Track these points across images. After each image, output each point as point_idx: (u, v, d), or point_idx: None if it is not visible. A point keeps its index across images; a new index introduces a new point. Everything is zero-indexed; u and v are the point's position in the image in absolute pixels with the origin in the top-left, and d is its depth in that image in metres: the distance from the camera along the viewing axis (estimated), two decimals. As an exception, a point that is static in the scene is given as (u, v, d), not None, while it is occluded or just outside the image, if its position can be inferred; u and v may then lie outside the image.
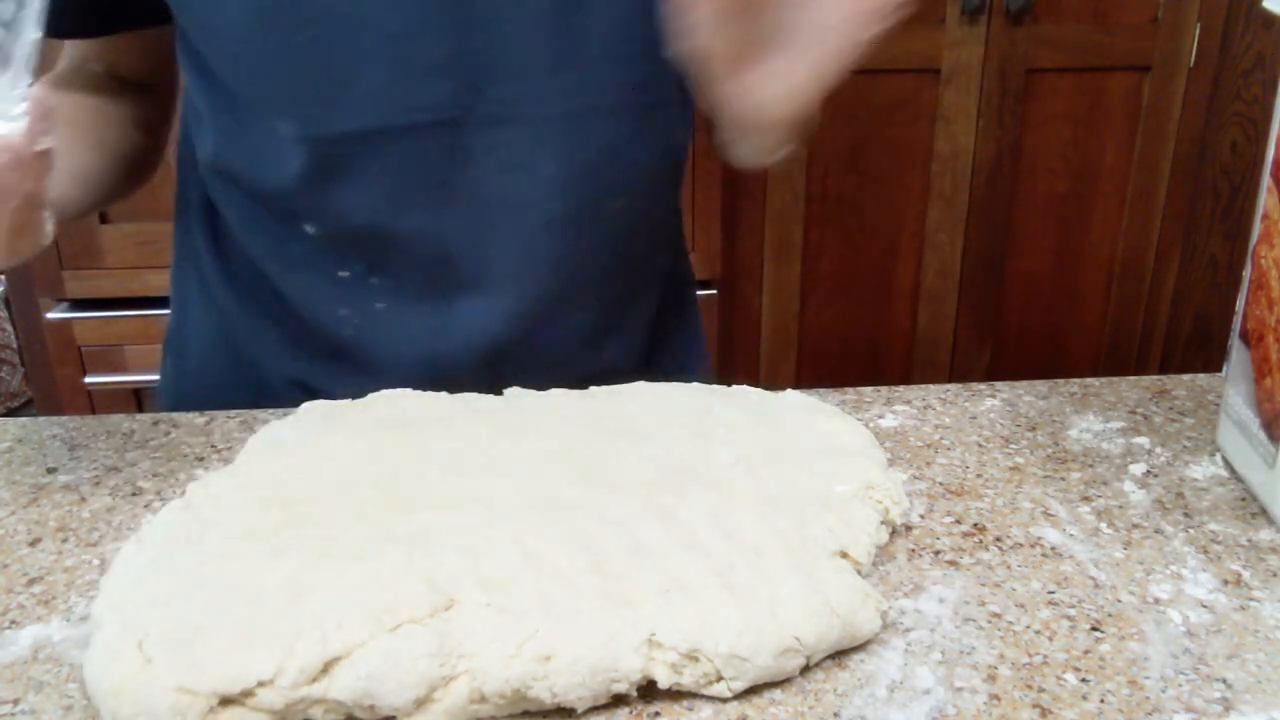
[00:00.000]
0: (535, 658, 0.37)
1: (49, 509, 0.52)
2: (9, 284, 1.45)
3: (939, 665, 0.40)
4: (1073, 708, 0.38)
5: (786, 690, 0.39)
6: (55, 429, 0.61)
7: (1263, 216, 0.52)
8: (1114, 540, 0.49)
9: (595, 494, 0.47)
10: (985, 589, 0.45)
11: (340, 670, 0.37)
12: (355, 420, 0.55)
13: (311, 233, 0.63)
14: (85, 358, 1.44)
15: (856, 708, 0.38)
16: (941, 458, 0.57)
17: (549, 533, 0.44)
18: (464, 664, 0.37)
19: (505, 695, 0.37)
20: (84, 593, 0.45)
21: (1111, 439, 0.59)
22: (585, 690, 0.37)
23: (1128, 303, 1.79)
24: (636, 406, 0.56)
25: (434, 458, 0.50)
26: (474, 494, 0.47)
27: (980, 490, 0.54)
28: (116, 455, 0.57)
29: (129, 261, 1.40)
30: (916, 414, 0.62)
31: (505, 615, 0.39)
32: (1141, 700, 0.39)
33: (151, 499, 0.53)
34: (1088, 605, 0.44)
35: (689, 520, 0.45)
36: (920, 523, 0.50)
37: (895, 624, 0.43)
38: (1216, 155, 1.71)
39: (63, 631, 0.43)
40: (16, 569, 0.47)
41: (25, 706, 0.38)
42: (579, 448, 0.51)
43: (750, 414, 0.55)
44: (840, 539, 0.45)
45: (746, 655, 0.38)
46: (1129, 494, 0.53)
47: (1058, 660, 0.41)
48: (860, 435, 0.54)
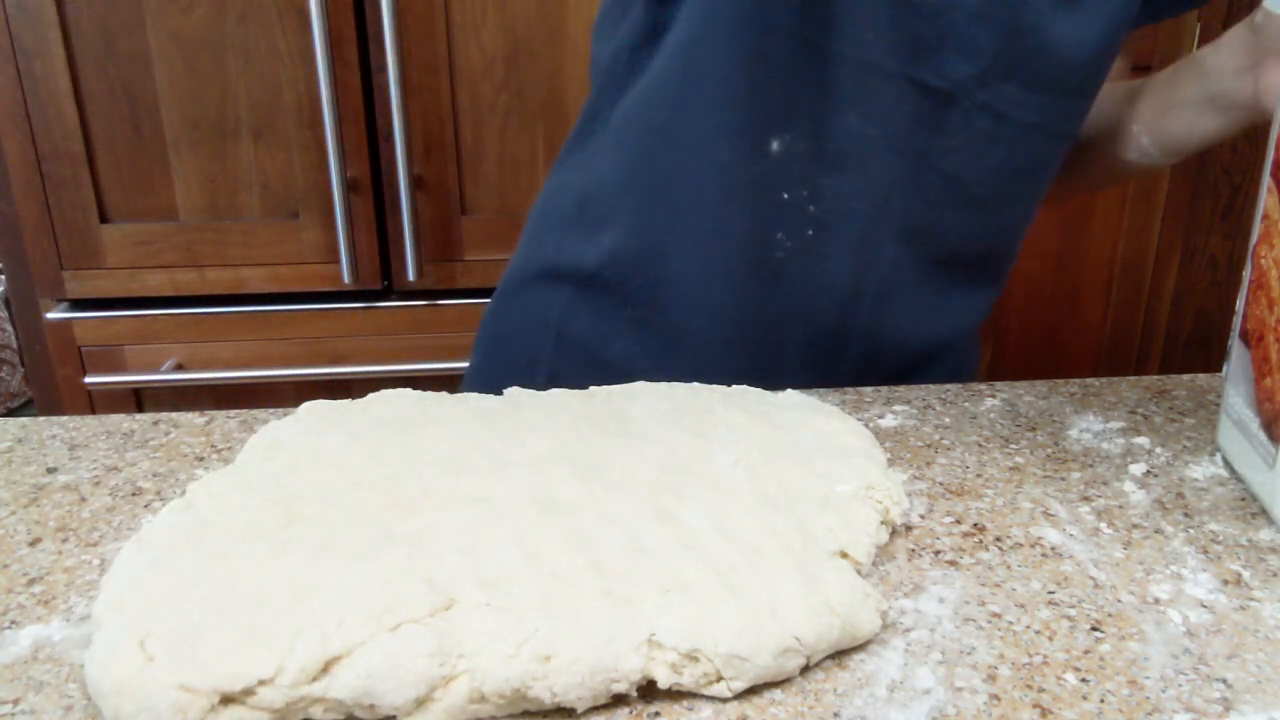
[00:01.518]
0: (535, 657, 0.37)
1: (49, 509, 0.52)
2: (9, 284, 1.45)
3: (939, 665, 0.40)
4: (1073, 708, 0.38)
5: (786, 690, 0.39)
6: (55, 429, 0.61)
7: (1263, 216, 0.52)
8: (1114, 540, 0.49)
9: (595, 494, 0.47)
10: (985, 589, 0.45)
11: (340, 669, 0.37)
12: (355, 420, 0.55)
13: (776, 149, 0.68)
14: (85, 358, 1.45)
15: (856, 708, 0.38)
16: (941, 458, 0.57)
17: (549, 533, 0.44)
18: (464, 664, 0.37)
19: (505, 695, 0.37)
20: (84, 593, 0.45)
21: (1111, 439, 0.59)
22: (585, 690, 0.37)
23: (1128, 303, 1.79)
24: (636, 406, 0.56)
25: (434, 457, 0.50)
26: (474, 494, 0.47)
27: (980, 490, 0.54)
28: (116, 455, 0.57)
29: (129, 261, 1.40)
30: (916, 414, 0.62)
31: (505, 615, 0.39)
32: (1141, 700, 0.39)
33: (151, 499, 0.53)
34: (1088, 605, 0.44)
35: (689, 520, 0.45)
36: (920, 523, 0.50)
37: (895, 624, 0.43)
38: (1216, 155, 1.71)
39: (63, 631, 0.43)
40: (16, 569, 0.47)
41: (25, 706, 0.38)
42: (579, 448, 0.51)
43: (750, 414, 0.55)
44: (840, 539, 0.45)
45: (746, 655, 0.38)
46: (1129, 494, 0.53)
47: (1058, 660, 0.41)
48: (860, 435, 0.55)
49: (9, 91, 1.32)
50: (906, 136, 0.67)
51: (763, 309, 0.72)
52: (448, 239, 1.47)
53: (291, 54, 1.35)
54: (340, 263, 1.42)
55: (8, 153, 1.35)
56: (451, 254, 1.47)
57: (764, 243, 0.70)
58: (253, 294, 1.45)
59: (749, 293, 0.72)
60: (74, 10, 1.31)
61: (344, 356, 1.49)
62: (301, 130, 1.38)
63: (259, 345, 1.46)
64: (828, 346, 0.73)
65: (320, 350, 1.48)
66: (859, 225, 0.69)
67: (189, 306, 1.43)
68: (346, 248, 1.41)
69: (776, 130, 0.67)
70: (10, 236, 1.40)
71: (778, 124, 0.67)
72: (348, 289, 1.46)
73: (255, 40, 1.34)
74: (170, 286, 1.42)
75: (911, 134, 0.67)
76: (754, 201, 0.69)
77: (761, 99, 0.66)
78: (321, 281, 1.45)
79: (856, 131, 0.66)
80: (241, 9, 1.33)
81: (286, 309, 1.46)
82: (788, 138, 0.67)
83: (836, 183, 0.68)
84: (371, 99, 1.39)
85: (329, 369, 1.47)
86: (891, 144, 0.67)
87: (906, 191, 0.69)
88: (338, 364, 1.48)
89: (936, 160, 0.68)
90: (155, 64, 1.34)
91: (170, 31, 1.33)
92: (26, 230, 1.39)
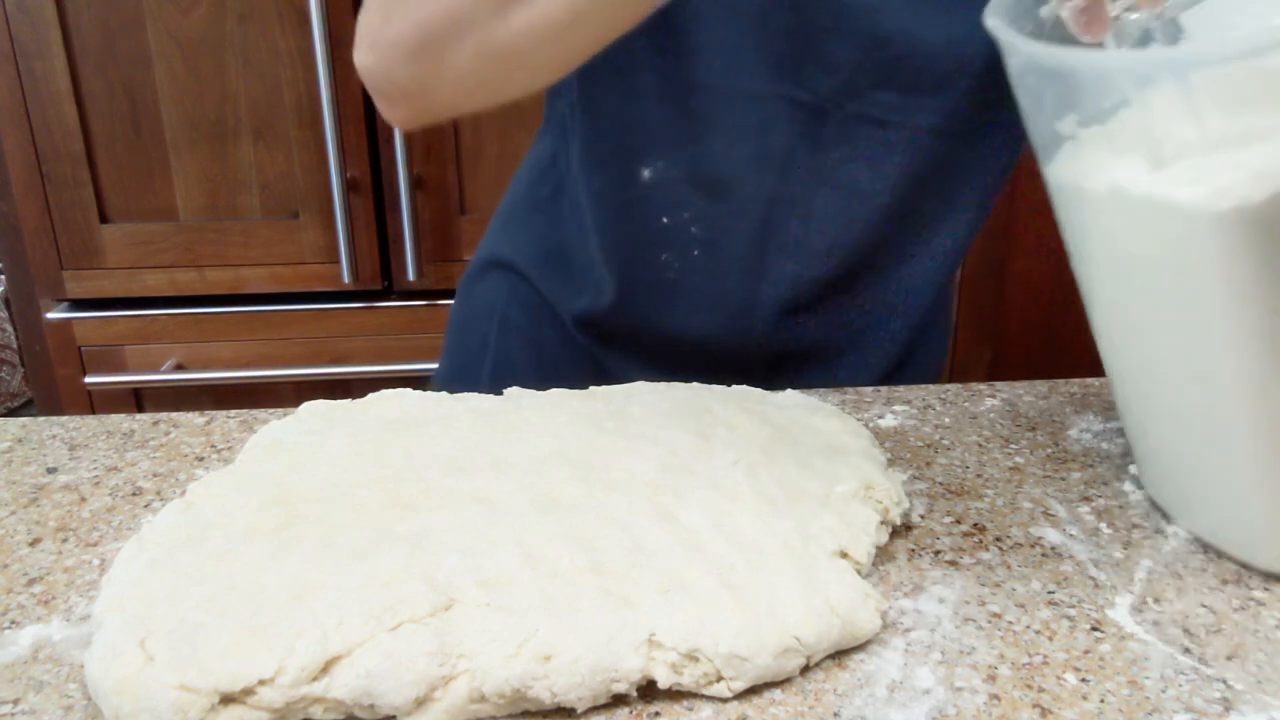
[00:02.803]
0: (535, 657, 0.37)
1: (49, 509, 0.52)
2: (9, 284, 1.45)
3: (939, 665, 0.40)
4: (1073, 708, 0.38)
5: (786, 690, 0.39)
6: (55, 429, 0.61)
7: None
8: (1114, 540, 0.49)
9: (595, 494, 0.47)
10: (985, 589, 0.45)
11: (340, 669, 0.37)
12: (355, 420, 0.55)
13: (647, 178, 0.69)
14: (85, 358, 1.45)
15: (856, 708, 0.38)
16: (941, 458, 0.57)
17: (549, 533, 0.44)
18: (464, 663, 0.37)
19: (505, 695, 0.37)
20: (84, 593, 0.45)
21: (1111, 439, 0.59)
22: (585, 690, 0.37)
23: (1128, 303, 1.79)
24: (636, 406, 0.56)
25: (434, 457, 0.50)
26: (474, 494, 0.47)
27: (980, 490, 0.54)
28: (116, 455, 0.57)
29: (129, 261, 1.40)
30: (916, 414, 0.62)
31: (505, 615, 0.39)
32: (1141, 700, 0.39)
33: (151, 499, 0.53)
34: (1088, 605, 0.44)
35: (689, 520, 0.45)
36: (920, 523, 0.50)
37: (895, 624, 0.43)
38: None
39: (63, 631, 0.43)
40: (16, 569, 0.47)
41: (25, 706, 0.38)
42: (579, 448, 0.51)
43: (750, 414, 0.55)
44: (840, 539, 0.45)
45: (746, 655, 0.38)
46: (1129, 494, 0.53)
47: (1058, 660, 0.41)
48: (860, 435, 0.55)
49: (9, 91, 1.32)
50: (785, 153, 0.66)
51: (662, 324, 0.74)
52: (448, 239, 1.47)
53: (291, 54, 1.35)
54: (340, 263, 1.42)
55: (8, 153, 1.35)
56: (451, 254, 1.47)
57: (651, 264, 0.72)
58: (253, 294, 1.45)
59: (645, 311, 0.74)
60: (74, 10, 1.31)
61: (344, 356, 1.49)
62: (301, 130, 1.38)
63: (259, 345, 1.46)
64: (732, 358, 0.73)
65: (320, 350, 1.48)
66: (743, 242, 0.69)
67: (189, 306, 1.43)
68: (346, 248, 1.41)
69: (647, 159, 0.68)
70: (10, 236, 1.40)
71: (647, 152, 0.68)
72: (348, 289, 1.46)
73: (255, 40, 1.34)
74: (170, 286, 1.42)
75: (790, 150, 0.66)
76: (632, 225, 0.71)
77: (627, 130, 0.68)
78: (321, 281, 1.45)
79: (725, 154, 0.67)
80: (241, 9, 1.33)
81: (286, 309, 1.46)
82: (660, 164, 0.68)
83: (714, 204, 0.68)
84: (371, 99, 1.39)
85: (329, 369, 1.47)
86: (767, 163, 0.67)
87: (803, 209, 0.68)
88: (338, 364, 1.48)
89: (830, 175, 0.67)
90: (155, 64, 1.34)
91: (170, 31, 1.33)
92: (26, 230, 1.39)
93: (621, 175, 0.69)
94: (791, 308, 0.72)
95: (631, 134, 0.68)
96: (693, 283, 0.72)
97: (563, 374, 0.62)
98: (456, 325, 0.86)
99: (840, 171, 0.67)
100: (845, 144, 0.66)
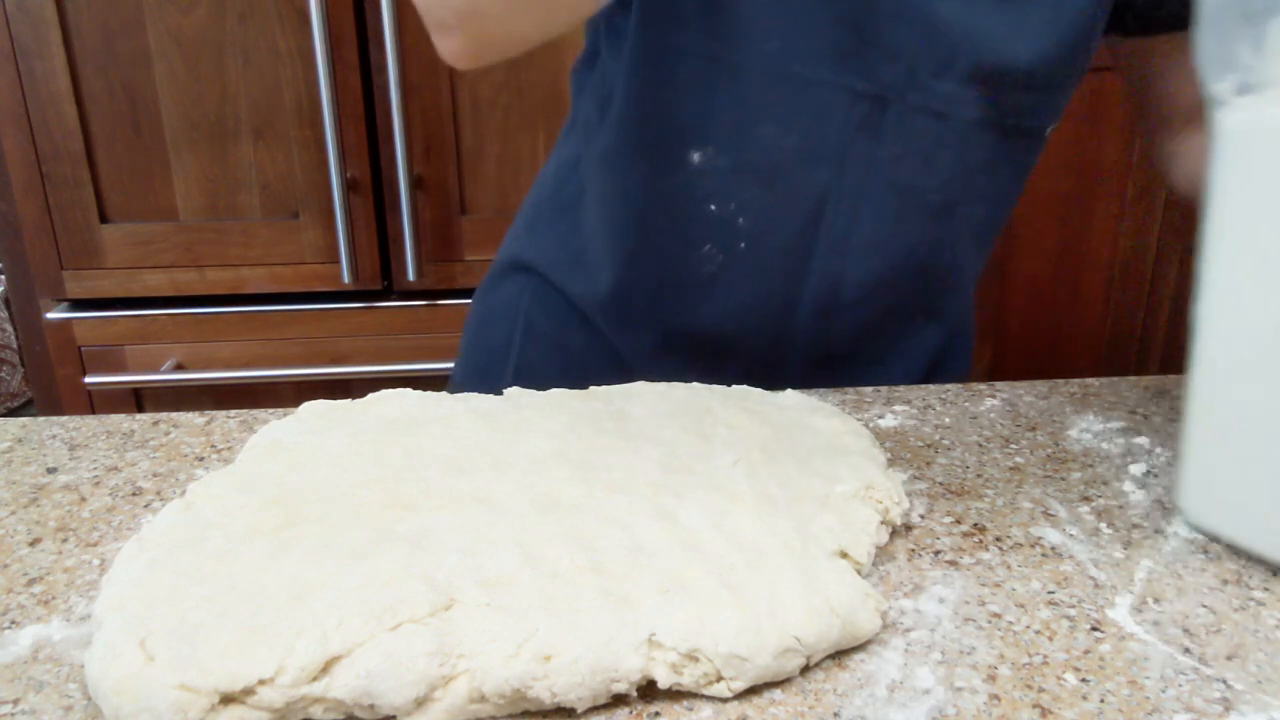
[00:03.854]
0: (535, 657, 0.37)
1: (49, 509, 0.52)
2: (9, 284, 1.45)
3: (939, 665, 0.40)
4: (1073, 708, 0.38)
5: (786, 690, 0.39)
6: (55, 429, 0.61)
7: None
8: (1114, 540, 0.49)
9: (595, 494, 0.47)
10: (985, 589, 0.45)
11: (340, 669, 0.37)
12: (355, 420, 0.55)
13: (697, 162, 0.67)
14: (85, 358, 1.45)
15: (856, 708, 0.38)
16: (941, 458, 0.57)
17: (549, 533, 0.44)
18: (464, 664, 0.37)
19: (505, 695, 0.37)
20: (84, 593, 0.45)
21: (1111, 439, 0.59)
22: (585, 690, 0.37)
23: (1128, 303, 1.79)
24: (636, 406, 0.56)
25: (434, 457, 0.50)
26: (474, 494, 0.47)
27: (980, 490, 0.54)
28: (116, 455, 0.57)
29: (129, 261, 1.40)
30: (916, 414, 0.62)
31: (505, 615, 0.39)
32: (1141, 700, 0.39)
33: (151, 499, 0.53)
34: (1088, 605, 0.44)
35: (689, 520, 0.45)
36: (920, 523, 0.50)
37: (895, 624, 0.43)
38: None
39: (63, 631, 0.43)
40: (16, 569, 0.47)
41: (25, 706, 0.38)
42: (579, 448, 0.51)
43: (750, 414, 0.55)
44: (840, 539, 0.45)
45: (746, 655, 0.38)
46: (1129, 494, 0.53)
47: (1058, 660, 0.41)
48: (860, 435, 0.55)
49: (9, 91, 1.32)
50: (840, 145, 0.65)
51: (698, 320, 0.72)
52: (447, 239, 1.47)
53: (291, 54, 1.35)
54: (340, 263, 1.42)
55: (8, 153, 1.35)
56: (451, 254, 1.47)
57: (691, 257, 0.70)
58: (253, 294, 1.45)
59: (681, 306, 0.72)
60: (74, 10, 1.31)
61: (344, 356, 1.49)
62: (301, 130, 1.38)
63: (259, 345, 1.46)
64: (769, 357, 0.73)
65: (320, 350, 1.48)
66: (790, 236, 0.68)
67: (189, 306, 1.43)
68: (346, 248, 1.41)
69: (696, 143, 0.67)
70: (10, 236, 1.40)
71: (696, 138, 0.67)
72: (348, 289, 1.46)
73: (255, 40, 1.34)
74: (170, 286, 1.42)
75: (847, 142, 0.65)
76: (676, 214, 0.69)
77: (675, 115, 0.67)
78: (321, 281, 1.45)
79: (774, 142, 0.65)
80: (241, 9, 1.33)
81: (286, 309, 1.46)
82: (709, 150, 0.67)
83: (763, 194, 0.67)
84: (371, 99, 1.39)
85: (329, 369, 1.47)
86: (821, 154, 0.66)
87: (851, 204, 0.67)
88: (338, 364, 1.48)
89: (885, 170, 0.66)
90: (155, 64, 1.34)
91: (170, 31, 1.33)
92: (26, 230, 1.39)
93: (669, 161, 0.68)
94: (832, 306, 0.71)
95: (680, 118, 0.67)
96: (732, 277, 0.70)
97: (591, 379, 0.61)
98: (476, 325, 0.85)
99: (895, 166, 0.66)
100: (902, 138, 0.65)
